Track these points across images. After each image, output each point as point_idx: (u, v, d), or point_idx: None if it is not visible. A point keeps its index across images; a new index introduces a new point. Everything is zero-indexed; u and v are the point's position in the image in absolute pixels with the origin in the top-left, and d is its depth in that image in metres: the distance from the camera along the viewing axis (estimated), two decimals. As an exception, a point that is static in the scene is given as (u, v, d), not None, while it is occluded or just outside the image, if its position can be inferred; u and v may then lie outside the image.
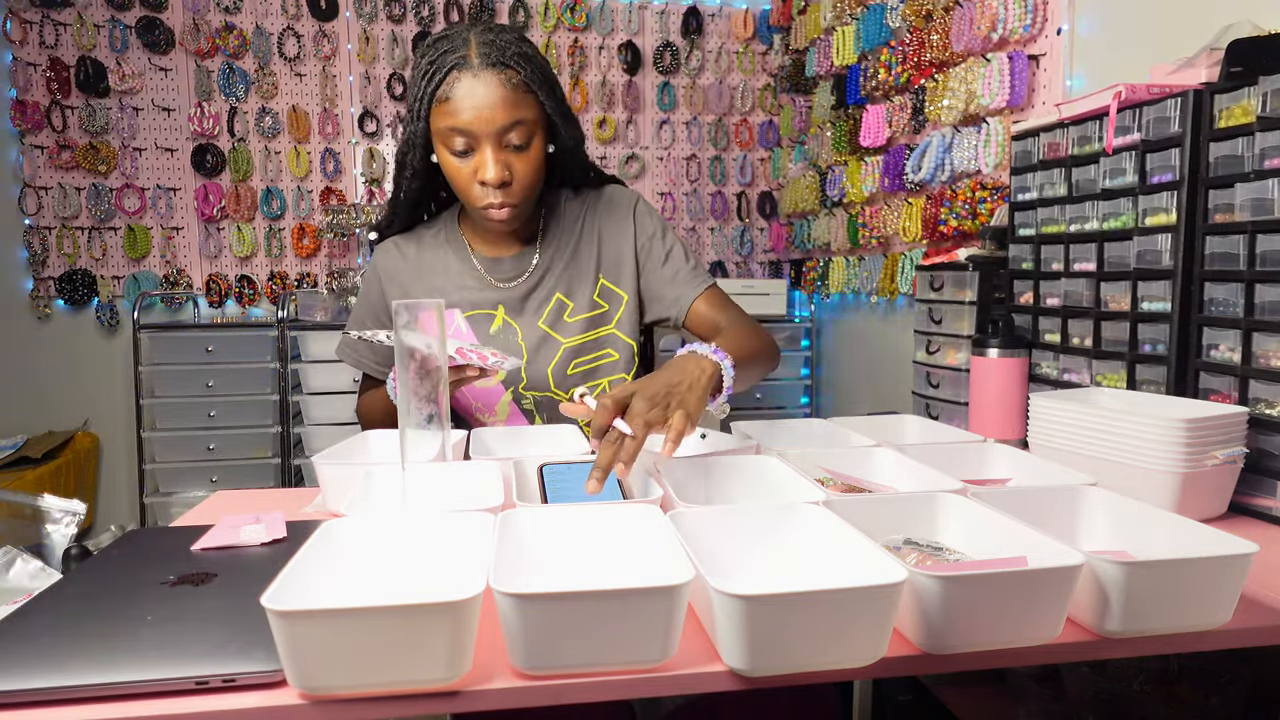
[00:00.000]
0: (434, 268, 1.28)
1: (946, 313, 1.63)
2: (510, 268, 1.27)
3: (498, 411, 1.28)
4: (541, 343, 1.26)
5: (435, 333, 0.84)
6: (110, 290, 3.05)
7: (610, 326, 1.28)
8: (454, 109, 1.08)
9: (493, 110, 1.07)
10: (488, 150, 1.09)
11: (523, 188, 1.13)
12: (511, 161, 1.11)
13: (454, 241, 1.29)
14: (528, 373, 1.25)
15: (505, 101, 1.08)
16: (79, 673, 0.57)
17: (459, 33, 1.11)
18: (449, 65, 1.08)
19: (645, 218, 1.29)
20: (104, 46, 2.97)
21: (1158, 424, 0.91)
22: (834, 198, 2.79)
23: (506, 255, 1.27)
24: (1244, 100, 0.98)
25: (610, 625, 0.57)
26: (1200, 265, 1.04)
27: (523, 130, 1.10)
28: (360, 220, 3.04)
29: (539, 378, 1.26)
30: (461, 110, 1.07)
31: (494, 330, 1.26)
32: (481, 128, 1.08)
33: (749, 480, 0.93)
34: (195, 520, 0.96)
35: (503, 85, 1.08)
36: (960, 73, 2.04)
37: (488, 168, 1.09)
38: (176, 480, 2.83)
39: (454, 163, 1.12)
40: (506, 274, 1.27)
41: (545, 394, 1.27)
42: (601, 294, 1.28)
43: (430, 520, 0.73)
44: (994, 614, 0.61)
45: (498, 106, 1.07)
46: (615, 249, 1.28)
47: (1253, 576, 0.69)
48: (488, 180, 1.10)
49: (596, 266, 1.28)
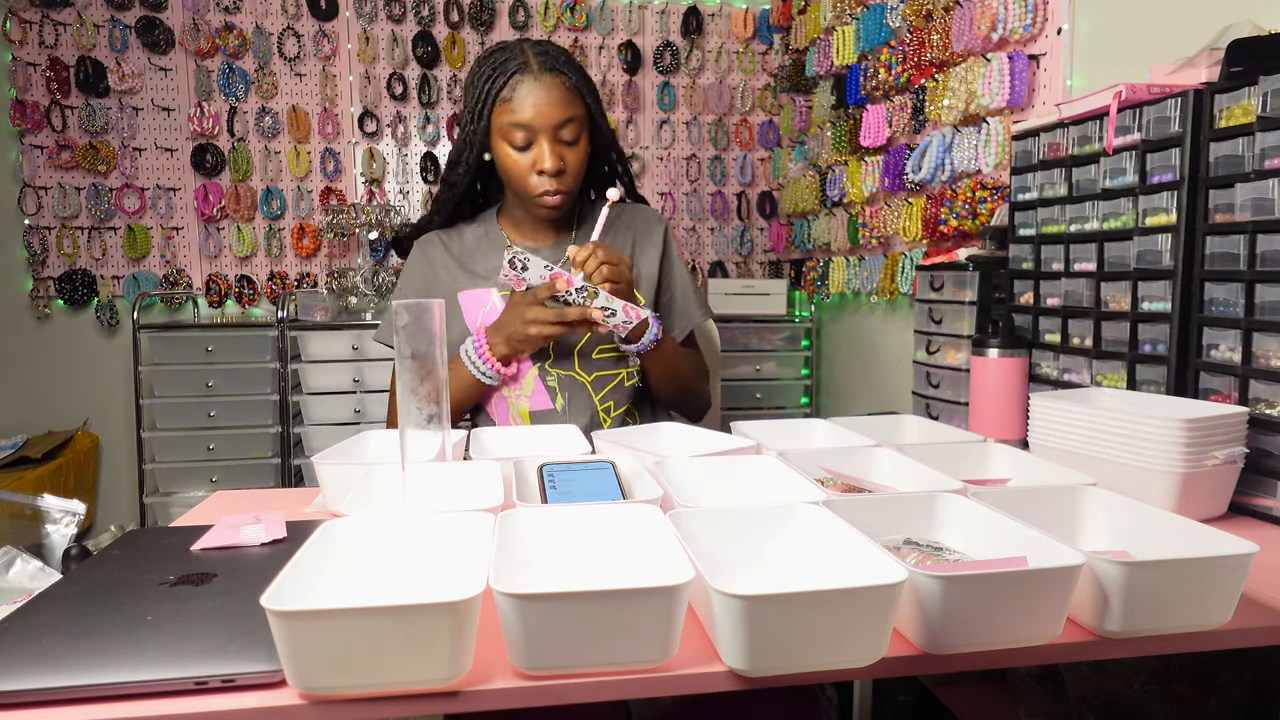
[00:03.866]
0: (474, 257, 1.41)
1: (946, 313, 1.63)
2: (544, 257, 1.37)
3: (523, 386, 1.35)
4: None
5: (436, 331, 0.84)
6: (110, 290, 3.05)
7: None
8: (517, 107, 1.23)
9: (550, 108, 1.23)
10: (545, 143, 1.25)
11: (573, 177, 1.29)
12: (564, 154, 1.27)
13: (493, 235, 1.42)
14: (554, 350, 1.34)
15: (561, 101, 1.24)
16: (79, 673, 0.57)
17: (514, 45, 1.29)
18: (511, 70, 1.24)
19: (673, 244, 1.47)
20: (104, 46, 2.97)
21: (1158, 424, 0.91)
22: (834, 198, 2.79)
23: (542, 246, 1.41)
24: (1244, 100, 0.98)
25: (610, 625, 0.57)
26: (1200, 265, 1.04)
27: (574, 127, 1.26)
28: (360, 220, 3.04)
29: (564, 357, 1.35)
30: (524, 108, 1.23)
31: None
32: (541, 123, 1.24)
33: (749, 480, 0.93)
34: (195, 520, 0.96)
35: (559, 87, 1.24)
36: (960, 73, 2.04)
37: (546, 158, 1.24)
38: (176, 480, 2.83)
39: (513, 156, 1.27)
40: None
41: (569, 373, 1.35)
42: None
43: (430, 520, 0.73)
44: (994, 614, 0.61)
45: (555, 105, 1.24)
46: (642, 259, 1.42)
47: (1253, 576, 0.69)
48: (546, 169, 1.25)
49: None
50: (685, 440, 1.13)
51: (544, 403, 1.34)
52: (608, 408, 1.37)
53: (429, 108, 3.20)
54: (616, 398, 1.37)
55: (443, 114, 3.22)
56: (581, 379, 1.34)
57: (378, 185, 3.21)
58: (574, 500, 0.83)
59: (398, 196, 3.23)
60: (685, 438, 1.13)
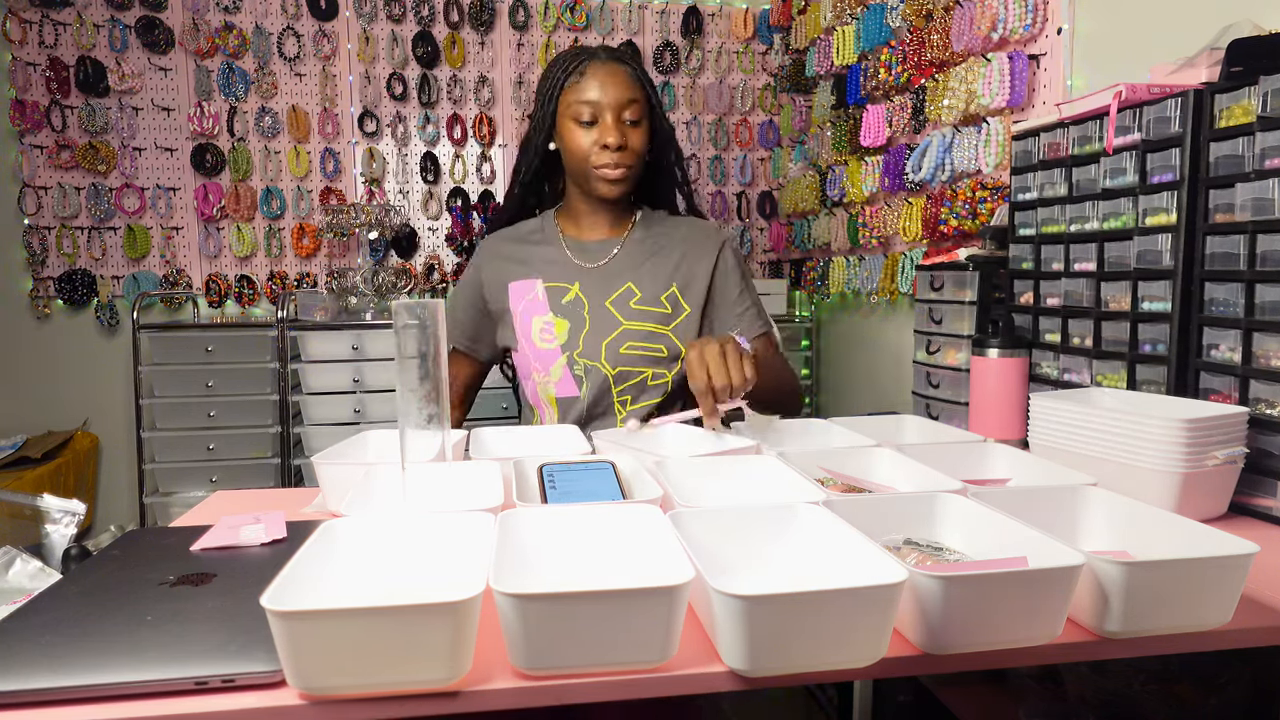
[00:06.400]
0: (530, 253, 1.48)
1: (946, 313, 1.63)
2: (594, 252, 1.45)
3: (551, 372, 1.40)
4: (604, 318, 1.40)
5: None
6: (110, 290, 3.05)
7: (668, 329, 1.42)
8: (585, 86, 1.35)
9: (616, 88, 1.35)
10: (609, 118, 1.34)
11: (634, 155, 1.37)
12: (627, 133, 1.35)
13: (549, 230, 1.49)
14: (585, 341, 1.39)
15: (625, 83, 1.36)
16: (79, 673, 0.57)
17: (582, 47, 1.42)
18: (582, 59, 1.37)
19: (732, 256, 1.49)
20: (103, 46, 2.97)
21: (1158, 424, 0.91)
22: (834, 198, 2.79)
23: (593, 240, 1.46)
24: (1244, 100, 0.98)
25: (610, 625, 0.57)
26: (1200, 265, 1.04)
27: (636, 108, 1.36)
28: (360, 220, 3.04)
29: (594, 348, 1.39)
30: (591, 87, 1.35)
31: (566, 300, 1.42)
32: (606, 99, 1.34)
33: (749, 480, 0.93)
34: (195, 520, 0.96)
35: (623, 73, 1.37)
36: (960, 72, 2.04)
37: (611, 132, 1.34)
38: (176, 480, 2.83)
39: (578, 133, 1.36)
40: (589, 256, 1.45)
41: (595, 364, 1.39)
42: (670, 299, 1.43)
43: (430, 520, 0.73)
44: (994, 614, 0.61)
45: (620, 85, 1.35)
46: (693, 267, 1.46)
47: (1253, 576, 0.69)
48: (610, 142, 1.34)
49: (671, 274, 1.44)
50: (685, 440, 1.13)
51: (570, 389, 1.39)
52: (624, 401, 1.39)
53: (429, 108, 3.20)
54: (634, 393, 1.40)
55: (442, 114, 3.22)
56: (605, 371, 1.38)
57: (377, 185, 3.21)
58: (574, 500, 0.83)
59: (397, 196, 3.23)
60: (685, 438, 1.13)
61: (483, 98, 3.21)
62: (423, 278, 3.24)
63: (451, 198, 3.25)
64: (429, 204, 3.24)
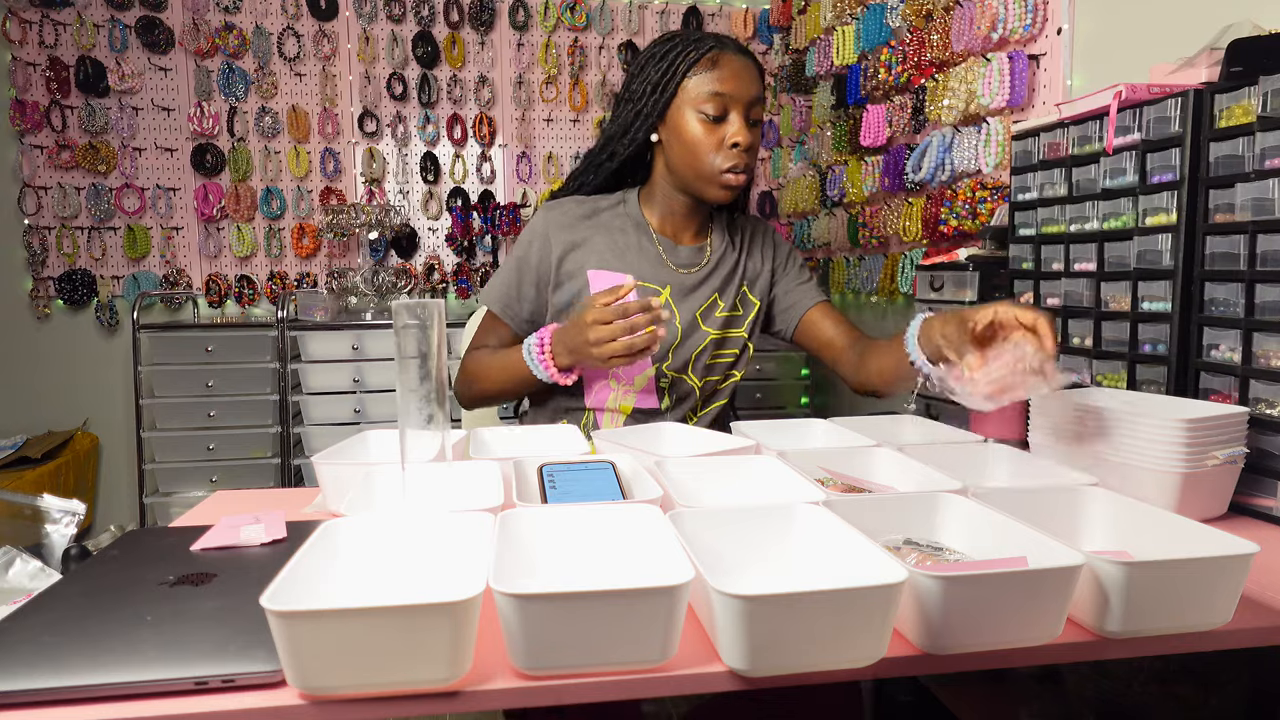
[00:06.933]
0: (613, 226, 1.35)
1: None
2: (686, 257, 1.36)
3: (635, 383, 1.34)
4: (692, 330, 1.35)
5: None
6: (110, 290, 3.05)
7: (740, 329, 1.39)
8: (719, 76, 1.22)
9: (751, 82, 1.24)
10: (738, 117, 1.23)
11: (754, 159, 1.27)
12: (751, 134, 1.25)
13: (635, 216, 1.37)
14: (675, 354, 1.33)
15: (756, 79, 1.25)
16: (79, 673, 0.57)
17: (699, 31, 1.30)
18: (709, 44, 1.24)
19: (784, 242, 1.47)
20: (103, 46, 2.97)
21: (1158, 424, 0.91)
22: (834, 198, 2.79)
23: (683, 245, 1.37)
24: (1244, 100, 0.98)
25: (610, 625, 0.57)
26: (1200, 265, 1.04)
27: (759, 109, 1.26)
28: (360, 220, 3.04)
29: (682, 360, 1.34)
30: (726, 78, 1.22)
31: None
32: (741, 93, 1.23)
33: (749, 480, 0.93)
34: (195, 520, 0.96)
35: (754, 68, 1.26)
36: (960, 73, 2.04)
37: (742, 132, 1.23)
38: (176, 480, 2.83)
39: (700, 129, 1.23)
40: (681, 261, 1.36)
41: (681, 376, 1.35)
42: (740, 300, 1.39)
43: (430, 520, 0.73)
44: (994, 614, 0.61)
45: (754, 81, 1.25)
46: (758, 263, 1.42)
47: (1253, 576, 0.69)
48: (740, 142, 1.22)
49: (742, 276, 1.39)
50: (685, 440, 1.13)
51: (651, 401, 1.34)
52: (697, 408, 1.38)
53: (429, 108, 3.20)
54: (709, 400, 1.39)
55: (442, 114, 3.22)
56: (692, 383, 1.35)
57: (377, 185, 3.21)
58: (574, 500, 0.83)
59: (397, 196, 3.23)
60: (685, 438, 1.14)
61: (483, 98, 3.21)
62: (423, 278, 3.24)
63: (451, 198, 3.25)
64: (429, 204, 3.25)
